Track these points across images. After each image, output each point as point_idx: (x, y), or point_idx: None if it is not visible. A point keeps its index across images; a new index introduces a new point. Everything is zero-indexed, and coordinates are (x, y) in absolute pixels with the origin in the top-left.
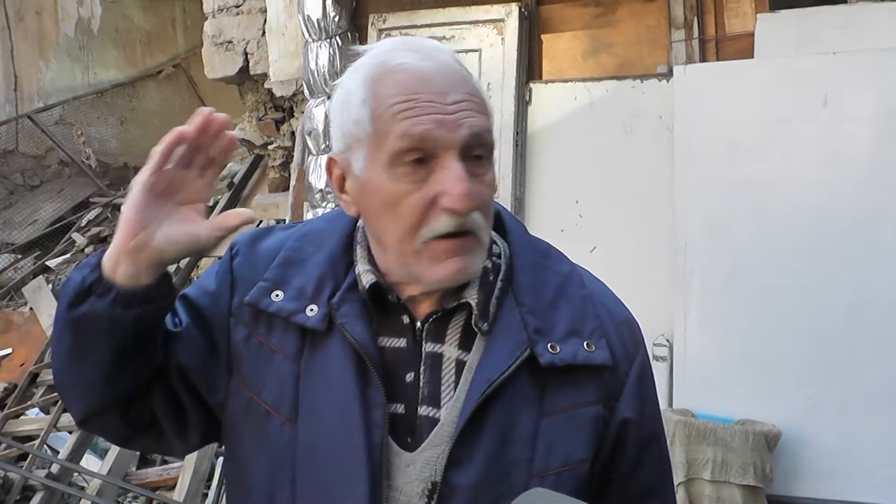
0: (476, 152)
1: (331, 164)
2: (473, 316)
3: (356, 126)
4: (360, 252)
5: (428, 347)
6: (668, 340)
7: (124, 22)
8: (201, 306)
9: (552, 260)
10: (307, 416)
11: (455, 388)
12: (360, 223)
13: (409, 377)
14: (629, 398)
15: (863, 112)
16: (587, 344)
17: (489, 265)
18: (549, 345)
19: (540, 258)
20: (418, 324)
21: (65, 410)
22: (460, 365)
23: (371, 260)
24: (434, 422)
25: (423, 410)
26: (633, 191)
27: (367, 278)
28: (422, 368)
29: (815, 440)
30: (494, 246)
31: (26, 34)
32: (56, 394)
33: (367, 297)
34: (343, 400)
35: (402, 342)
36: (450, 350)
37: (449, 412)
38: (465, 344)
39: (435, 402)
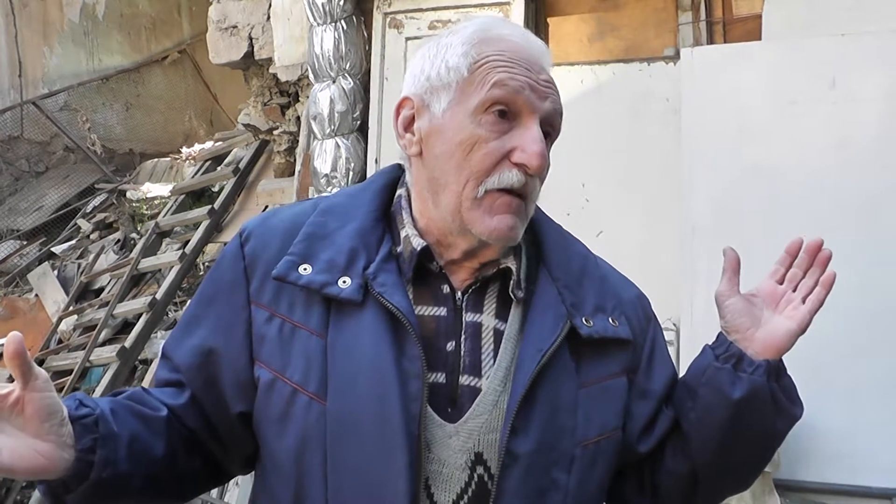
0: (546, 128)
1: (404, 102)
2: (511, 283)
3: (450, 71)
4: (405, 217)
5: (468, 317)
6: (675, 325)
7: (129, 7)
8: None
9: (570, 241)
10: (337, 390)
11: (494, 357)
12: (399, 192)
13: (450, 346)
14: (645, 369)
15: (871, 94)
16: (612, 319)
17: None
18: (583, 318)
19: (561, 238)
20: (458, 293)
21: None
22: (498, 334)
23: (414, 226)
24: (475, 391)
25: (465, 380)
26: (640, 175)
27: (416, 241)
28: (463, 338)
29: (823, 424)
30: None
31: (31, 20)
32: (62, 380)
33: (414, 262)
34: (377, 372)
35: (442, 311)
36: (488, 319)
37: (490, 381)
38: (502, 313)
39: (476, 371)
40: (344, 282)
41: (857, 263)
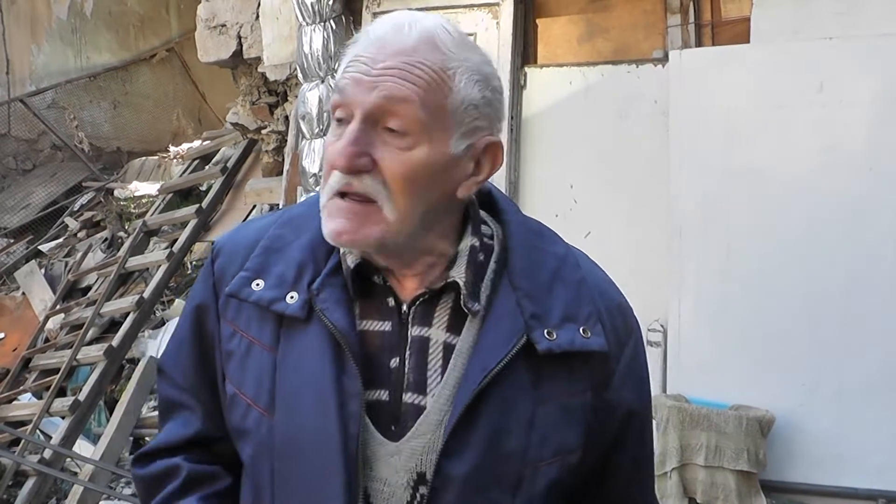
0: (389, 123)
1: None
2: (462, 296)
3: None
4: None
5: (414, 331)
6: (662, 326)
7: (117, 5)
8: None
9: (546, 240)
10: (284, 406)
11: (442, 373)
12: None
13: (394, 363)
14: (618, 386)
15: (859, 98)
16: (583, 330)
17: (477, 244)
18: (545, 331)
19: (534, 239)
20: (404, 307)
21: (57, 395)
22: (448, 348)
23: None
24: (419, 409)
25: (408, 398)
26: (628, 176)
27: (351, 258)
28: (407, 353)
29: (809, 426)
30: (485, 227)
31: (18, 17)
32: (49, 378)
33: (352, 277)
34: (318, 389)
35: (386, 325)
36: (437, 333)
37: (436, 400)
38: (455, 326)
39: (421, 388)
40: (291, 297)
41: (844, 266)
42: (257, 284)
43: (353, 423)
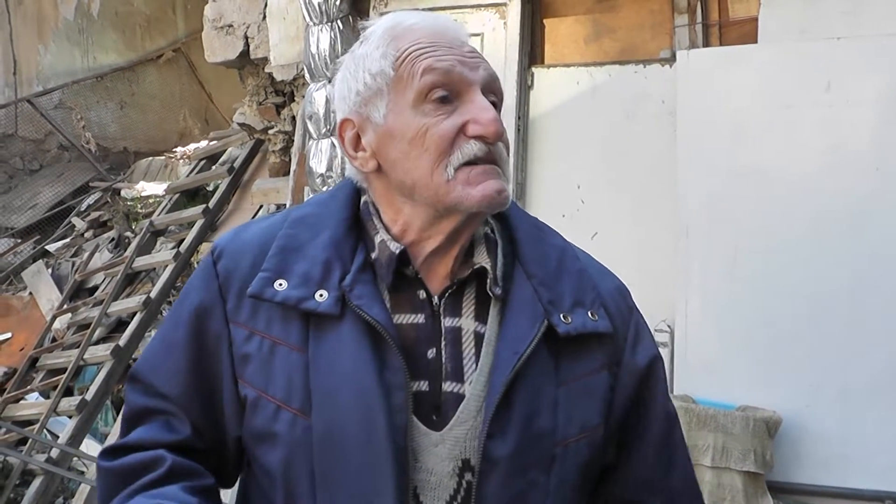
0: (491, 98)
1: (344, 125)
2: (488, 280)
3: (376, 78)
4: (376, 222)
5: (447, 322)
6: (669, 326)
7: (124, 6)
8: (194, 345)
9: (546, 233)
10: (321, 405)
11: (476, 361)
12: (364, 198)
13: (431, 353)
14: (629, 363)
15: (866, 97)
16: (591, 313)
17: (488, 232)
18: (561, 315)
19: (537, 232)
20: (435, 298)
21: (64, 395)
22: (479, 337)
23: (387, 231)
24: (459, 398)
25: (448, 387)
26: (635, 176)
27: (393, 245)
28: (443, 344)
29: (816, 426)
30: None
31: (26, 17)
32: (56, 378)
33: (393, 266)
34: (359, 385)
35: (420, 318)
36: (467, 322)
37: (473, 387)
38: (481, 315)
39: (458, 377)
40: (321, 295)
41: (850, 266)
42: (280, 284)
43: (400, 415)
